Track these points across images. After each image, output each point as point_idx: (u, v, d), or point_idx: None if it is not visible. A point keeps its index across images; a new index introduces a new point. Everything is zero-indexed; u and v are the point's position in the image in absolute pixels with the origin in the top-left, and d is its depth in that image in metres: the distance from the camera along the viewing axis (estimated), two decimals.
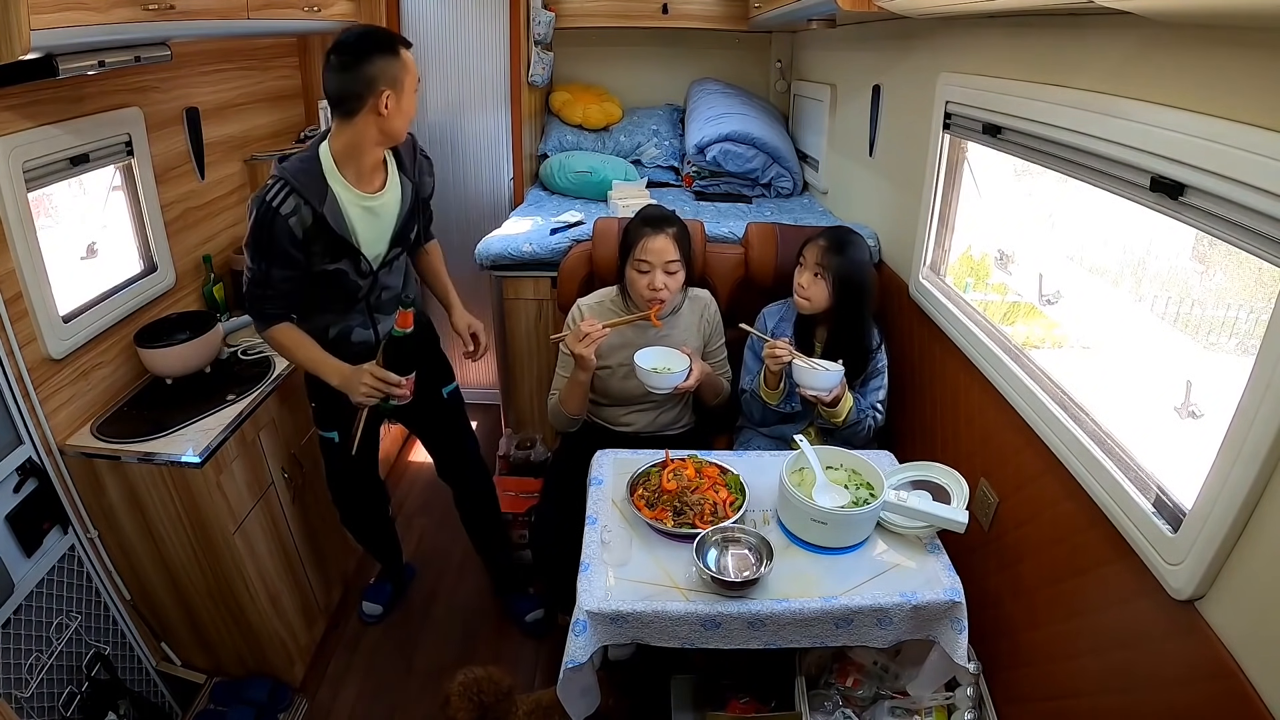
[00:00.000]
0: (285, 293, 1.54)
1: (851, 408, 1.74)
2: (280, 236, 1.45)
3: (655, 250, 1.74)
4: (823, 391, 1.67)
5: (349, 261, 1.55)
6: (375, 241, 1.59)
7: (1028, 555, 1.41)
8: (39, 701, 1.49)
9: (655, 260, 1.75)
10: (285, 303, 1.57)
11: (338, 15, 2.38)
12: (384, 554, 2.24)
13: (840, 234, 1.78)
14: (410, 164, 1.63)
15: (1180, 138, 0.96)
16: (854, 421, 1.75)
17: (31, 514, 1.50)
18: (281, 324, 1.58)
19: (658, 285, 1.75)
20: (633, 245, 1.77)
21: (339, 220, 1.49)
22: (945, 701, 1.49)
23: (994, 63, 1.52)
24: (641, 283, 1.77)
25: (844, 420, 1.74)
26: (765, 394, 1.80)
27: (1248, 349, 0.98)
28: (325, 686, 2.00)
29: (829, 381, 1.65)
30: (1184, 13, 0.92)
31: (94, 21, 1.37)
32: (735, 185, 2.91)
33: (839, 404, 1.72)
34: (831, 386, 1.66)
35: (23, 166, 1.47)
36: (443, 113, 2.83)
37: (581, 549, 1.42)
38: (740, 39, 3.33)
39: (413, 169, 1.63)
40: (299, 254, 1.48)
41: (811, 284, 1.76)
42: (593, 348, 1.70)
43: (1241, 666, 0.89)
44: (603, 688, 1.49)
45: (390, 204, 1.59)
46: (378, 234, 1.59)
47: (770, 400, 1.80)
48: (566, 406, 1.84)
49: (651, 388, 1.72)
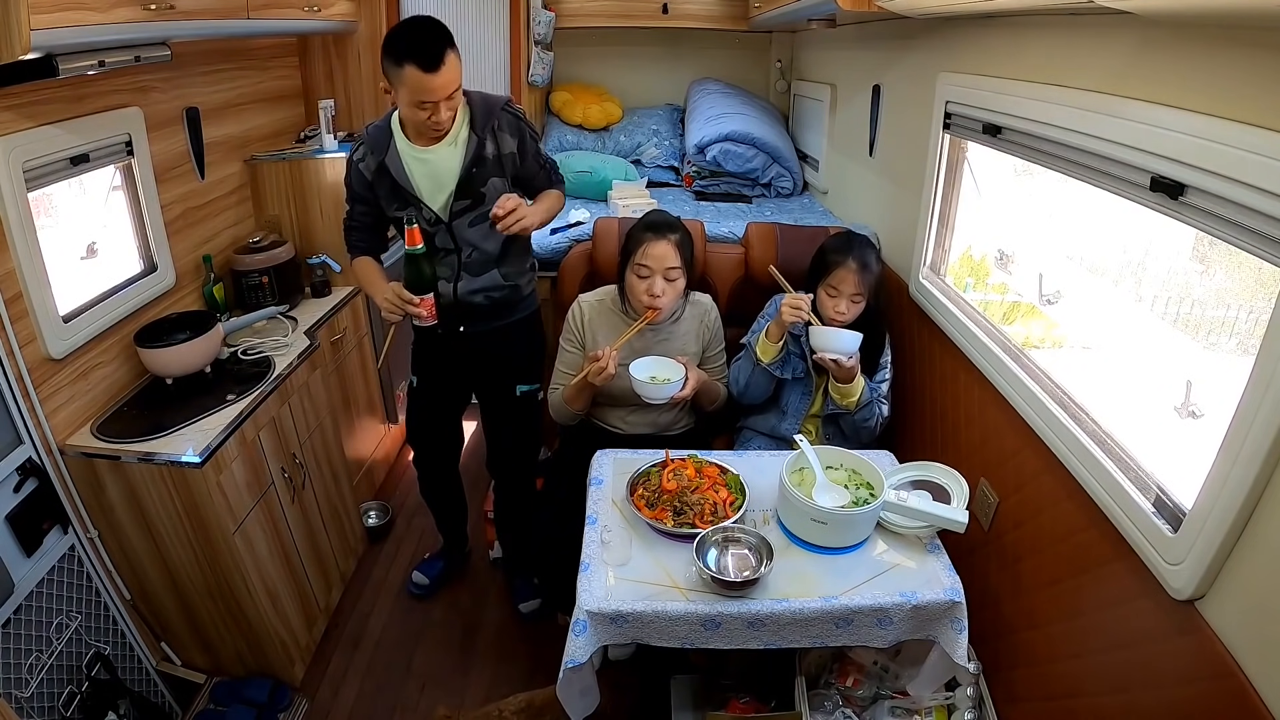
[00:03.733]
0: (364, 226, 1.84)
1: (864, 387, 1.73)
2: (355, 179, 1.77)
3: (656, 256, 1.74)
4: (842, 355, 1.65)
5: (414, 210, 1.72)
6: (435, 191, 1.73)
7: (1028, 555, 1.41)
8: (39, 701, 1.49)
9: (656, 266, 1.74)
10: (366, 236, 1.86)
11: (338, 15, 2.38)
12: (446, 526, 2.33)
13: (863, 253, 1.75)
14: (483, 121, 1.70)
15: (1180, 138, 0.96)
16: (866, 402, 1.74)
17: (31, 514, 1.50)
18: (362, 257, 1.86)
19: (656, 291, 1.75)
20: (634, 249, 1.77)
21: (398, 169, 1.70)
22: (945, 701, 1.49)
23: (994, 63, 1.52)
24: (640, 288, 1.76)
25: (857, 400, 1.72)
26: (761, 348, 1.77)
27: (1248, 349, 0.98)
28: (325, 686, 2.00)
29: (849, 344, 1.63)
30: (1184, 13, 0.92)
31: (94, 21, 1.37)
32: (735, 185, 2.91)
33: (853, 380, 1.70)
34: (851, 351, 1.65)
35: (23, 166, 1.47)
36: None
37: (581, 549, 1.42)
38: (740, 39, 3.33)
39: (483, 126, 1.70)
40: (370, 194, 1.77)
41: (850, 309, 1.75)
42: (613, 368, 1.70)
43: (1241, 666, 0.89)
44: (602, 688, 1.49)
45: (446, 157, 1.70)
46: (436, 184, 1.73)
47: (764, 356, 1.77)
48: (572, 405, 1.85)
49: (647, 398, 1.72)
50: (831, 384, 1.74)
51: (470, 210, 1.74)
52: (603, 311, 1.89)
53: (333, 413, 2.22)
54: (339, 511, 2.26)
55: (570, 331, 1.90)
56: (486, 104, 1.71)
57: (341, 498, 2.28)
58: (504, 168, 1.74)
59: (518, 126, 1.75)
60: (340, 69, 2.61)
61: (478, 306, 1.84)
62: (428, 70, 1.50)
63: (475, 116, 1.70)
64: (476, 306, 1.84)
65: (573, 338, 1.89)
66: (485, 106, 1.71)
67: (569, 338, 1.90)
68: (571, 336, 1.90)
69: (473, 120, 1.70)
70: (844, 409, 1.76)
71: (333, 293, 2.39)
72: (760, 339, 1.78)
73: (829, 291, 1.76)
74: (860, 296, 1.74)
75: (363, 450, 2.61)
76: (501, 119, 1.72)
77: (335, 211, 2.37)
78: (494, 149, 1.72)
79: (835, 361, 1.67)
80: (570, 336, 1.90)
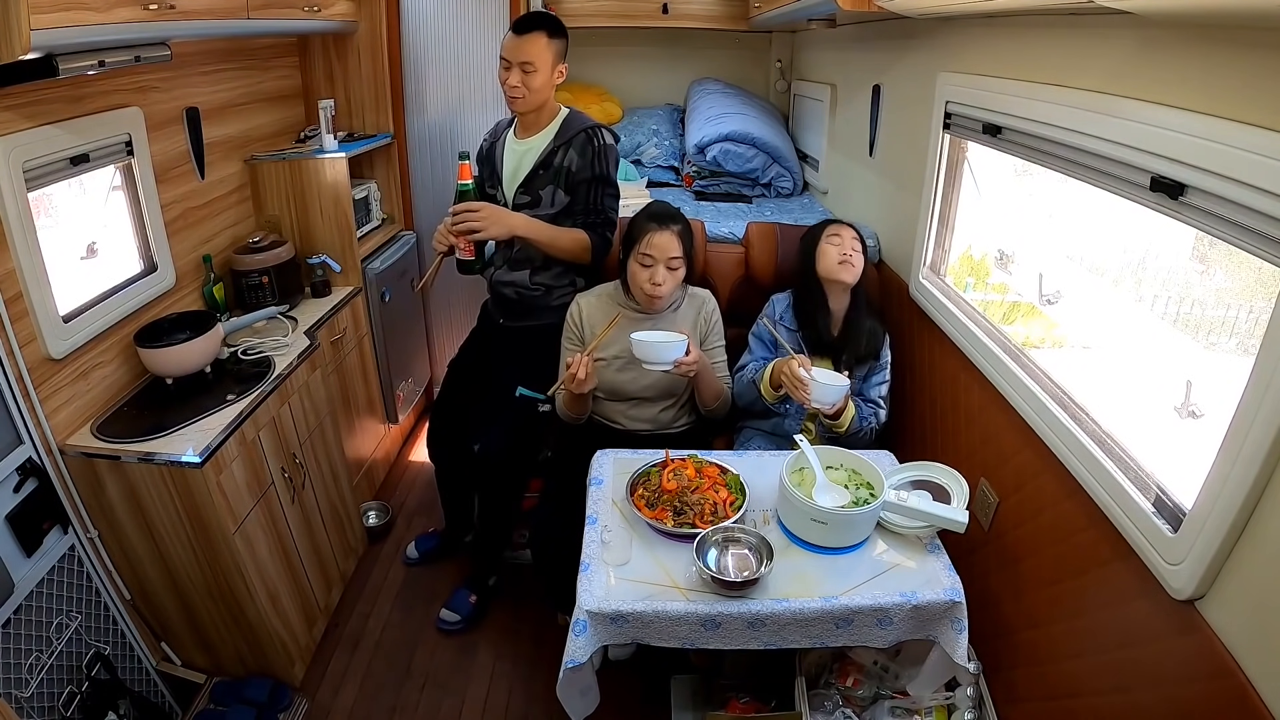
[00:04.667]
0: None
1: (853, 417, 1.75)
2: (480, 151, 2.06)
3: (659, 245, 1.76)
4: (826, 405, 1.66)
5: (499, 193, 1.95)
6: (512, 180, 1.94)
7: (1028, 555, 1.41)
8: (39, 701, 1.49)
9: (659, 255, 1.76)
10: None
11: (338, 15, 2.38)
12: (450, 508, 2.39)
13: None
14: (565, 133, 1.89)
15: (1180, 138, 0.96)
16: (855, 431, 1.76)
17: (31, 514, 1.50)
18: None
19: (658, 280, 1.77)
20: (637, 239, 1.79)
21: (500, 151, 1.96)
22: (945, 701, 1.49)
23: (994, 63, 1.52)
24: (643, 276, 1.78)
25: (846, 430, 1.75)
26: (765, 392, 1.79)
27: (1248, 349, 0.98)
28: (325, 686, 2.00)
29: (834, 396, 1.65)
30: (1184, 13, 0.92)
31: (94, 21, 1.37)
32: (735, 185, 2.91)
33: (842, 415, 1.72)
34: (836, 401, 1.66)
35: (23, 166, 1.47)
36: (443, 112, 2.83)
37: (581, 549, 1.42)
38: (740, 39, 3.33)
39: (563, 136, 1.89)
40: (482, 169, 2.02)
41: (855, 253, 1.80)
42: (590, 377, 1.69)
43: (1241, 666, 0.89)
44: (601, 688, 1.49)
45: (529, 151, 1.92)
46: (515, 174, 1.93)
47: (768, 398, 1.80)
48: (571, 409, 1.87)
49: (650, 364, 1.67)
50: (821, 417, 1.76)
51: (527, 208, 1.91)
52: (601, 305, 1.90)
53: (333, 413, 2.22)
54: (339, 511, 2.26)
55: (570, 330, 1.90)
56: (577, 120, 1.91)
57: (341, 498, 2.28)
58: (562, 181, 1.86)
59: (588, 150, 1.88)
60: (340, 69, 2.61)
61: (507, 299, 2.03)
62: (517, 33, 1.79)
63: (564, 127, 1.89)
64: (506, 299, 2.03)
65: (573, 335, 1.90)
66: (575, 122, 1.90)
67: (569, 336, 1.91)
68: (572, 334, 1.90)
69: (564, 130, 1.89)
70: (835, 434, 1.77)
71: (333, 293, 2.39)
72: (764, 385, 1.79)
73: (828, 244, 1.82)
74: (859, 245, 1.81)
75: (363, 450, 2.61)
76: (578, 138, 1.87)
77: (335, 211, 2.37)
78: (561, 160, 1.87)
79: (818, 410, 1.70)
80: (571, 335, 1.90)
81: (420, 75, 2.77)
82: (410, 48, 2.73)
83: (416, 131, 2.84)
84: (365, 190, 2.62)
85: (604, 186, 1.91)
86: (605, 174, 1.90)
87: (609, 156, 1.89)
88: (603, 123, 1.93)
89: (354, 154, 2.42)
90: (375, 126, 2.68)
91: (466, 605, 2.18)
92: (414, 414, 3.13)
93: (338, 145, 2.41)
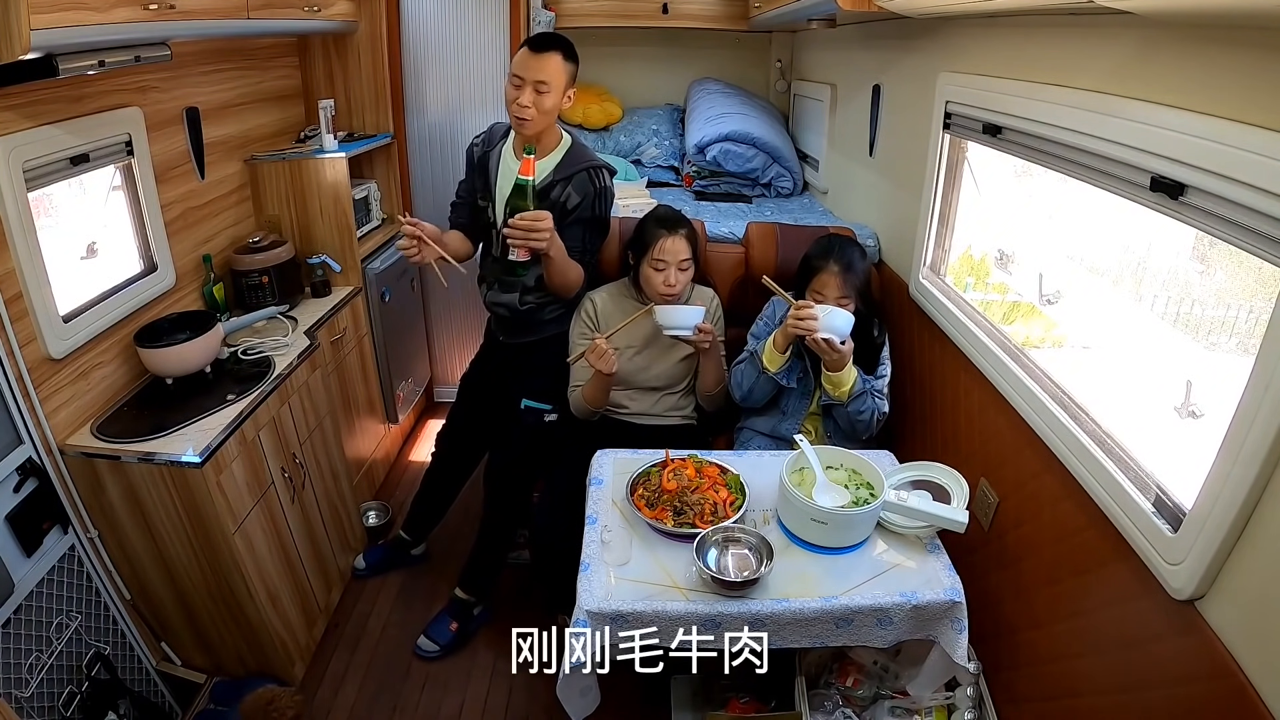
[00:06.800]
0: (464, 203, 1.99)
1: (856, 378, 1.73)
2: (468, 157, 1.97)
3: (672, 250, 1.82)
4: (835, 335, 1.64)
5: (490, 208, 1.90)
6: (503, 199, 1.85)
7: (1028, 555, 1.41)
8: (39, 701, 1.49)
9: (671, 259, 1.82)
10: (464, 212, 2.00)
11: (338, 15, 2.38)
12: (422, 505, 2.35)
13: (845, 255, 1.75)
14: (566, 167, 1.82)
15: (1180, 138, 0.96)
16: (859, 393, 1.73)
17: (31, 514, 1.50)
18: (453, 230, 2.00)
19: (673, 282, 1.83)
20: (649, 245, 1.84)
21: (494, 164, 1.89)
22: (945, 701, 1.49)
23: (994, 63, 1.52)
24: (658, 280, 1.83)
25: (849, 390, 1.72)
26: (768, 357, 1.77)
27: (1248, 349, 0.98)
28: (325, 686, 2.00)
29: (841, 321, 1.64)
30: (1184, 13, 0.92)
31: (94, 21, 1.37)
32: (735, 185, 2.91)
33: (845, 368, 1.70)
34: (844, 332, 1.65)
35: (23, 166, 1.47)
36: (443, 113, 2.84)
37: (581, 549, 1.42)
38: (740, 39, 3.32)
39: (564, 170, 1.82)
40: (471, 175, 1.96)
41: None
42: (612, 360, 1.74)
43: (1241, 666, 0.89)
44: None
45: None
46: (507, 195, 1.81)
47: (771, 366, 1.77)
48: (591, 403, 1.89)
49: (672, 329, 1.77)
50: (824, 375, 1.74)
51: None
52: (616, 299, 1.94)
53: (333, 413, 2.22)
54: (339, 511, 2.26)
55: (583, 324, 1.92)
56: (581, 155, 1.84)
57: (341, 498, 2.28)
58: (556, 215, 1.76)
59: (588, 189, 1.82)
60: (340, 69, 2.60)
61: (501, 318, 2.03)
62: (533, 50, 1.71)
63: (565, 161, 1.83)
64: (501, 317, 2.03)
65: (586, 330, 1.91)
66: (578, 156, 1.84)
67: (582, 330, 1.92)
68: (585, 330, 1.91)
69: (565, 162, 1.83)
70: (837, 400, 1.75)
71: (333, 292, 2.38)
72: (767, 349, 1.78)
73: (814, 297, 1.76)
74: (847, 299, 1.74)
75: (363, 450, 2.61)
76: (579, 175, 1.81)
77: (335, 211, 2.37)
78: (559, 195, 1.81)
79: (828, 342, 1.65)
80: (584, 330, 1.92)
81: (420, 75, 2.78)
82: (410, 48, 2.74)
83: (416, 131, 2.84)
84: (365, 190, 2.62)
85: (600, 229, 1.92)
86: (603, 217, 1.89)
87: (608, 200, 1.88)
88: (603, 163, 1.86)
89: (354, 154, 2.42)
90: (375, 126, 2.68)
91: (447, 633, 2.11)
92: (414, 414, 3.13)
93: (338, 145, 2.41)
